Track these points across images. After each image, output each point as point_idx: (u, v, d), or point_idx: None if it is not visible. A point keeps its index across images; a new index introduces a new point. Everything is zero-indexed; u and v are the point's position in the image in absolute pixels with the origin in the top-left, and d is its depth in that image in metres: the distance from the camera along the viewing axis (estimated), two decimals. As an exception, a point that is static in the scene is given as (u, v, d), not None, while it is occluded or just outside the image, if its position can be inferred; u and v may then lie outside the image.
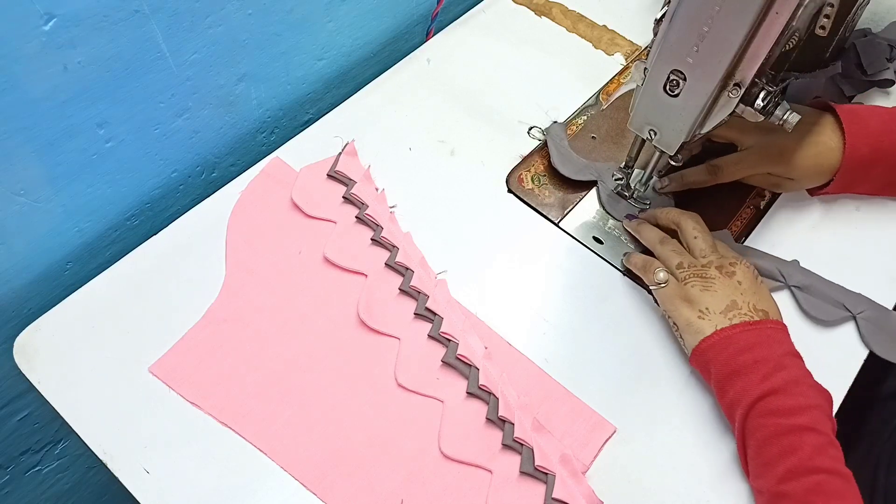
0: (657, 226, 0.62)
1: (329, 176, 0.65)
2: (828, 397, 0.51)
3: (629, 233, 0.63)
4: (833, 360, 0.57)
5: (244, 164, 0.69)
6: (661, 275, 0.57)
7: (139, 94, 0.56)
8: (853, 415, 0.54)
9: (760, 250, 0.63)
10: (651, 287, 0.58)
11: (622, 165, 0.65)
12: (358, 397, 0.54)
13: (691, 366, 0.56)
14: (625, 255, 0.62)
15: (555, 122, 0.71)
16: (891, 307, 0.60)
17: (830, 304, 0.59)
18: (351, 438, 0.53)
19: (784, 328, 0.53)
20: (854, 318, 0.59)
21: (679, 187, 0.64)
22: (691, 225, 0.59)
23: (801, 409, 0.48)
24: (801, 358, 0.52)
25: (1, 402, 0.64)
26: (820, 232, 0.65)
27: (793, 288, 0.61)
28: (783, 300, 0.60)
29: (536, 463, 0.51)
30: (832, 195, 0.65)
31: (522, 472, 0.51)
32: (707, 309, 0.53)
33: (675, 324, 0.56)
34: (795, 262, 0.62)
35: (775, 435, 0.48)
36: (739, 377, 0.50)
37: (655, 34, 0.52)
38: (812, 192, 0.66)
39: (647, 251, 0.61)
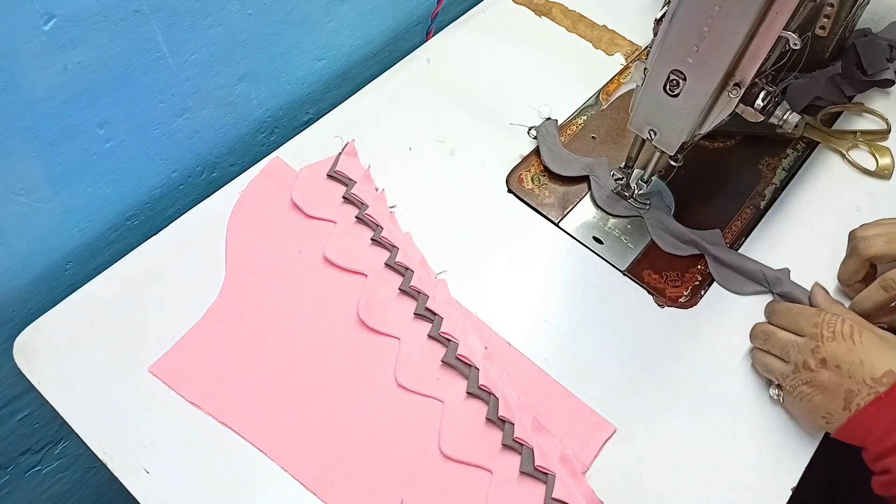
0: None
1: (329, 176, 0.65)
2: None
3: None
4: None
5: (244, 164, 0.69)
6: (772, 391, 0.54)
7: (139, 94, 0.56)
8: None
9: (748, 256, 0.62)
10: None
11: (622, 165, 0.65)
12: (358, 397, 0.54)
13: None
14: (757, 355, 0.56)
15: (547, 118, 0.71)
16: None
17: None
18: (351, 438, 0.53)
19: None
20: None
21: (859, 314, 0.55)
22: (764, 334, 0.55)
23: None
24: None
25: (1, 402, 0.64)
26: (820, 231, 0.65)
27: (776, 294, 0.60)
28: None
29: (536, 463, 0.51)
30: None
31: (522, 472, 0.51)
32: (829, 413, 0.49)
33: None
34: (786, 270, 0.61)
35: None
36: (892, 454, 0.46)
37: (655, 34, 0.52)
38: None
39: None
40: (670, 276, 0.62)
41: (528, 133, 0.70)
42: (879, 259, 0.56)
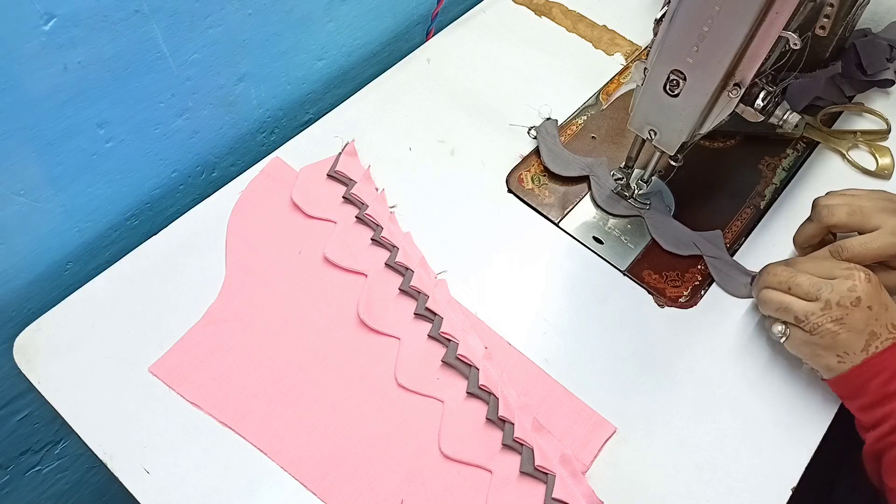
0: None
1: (329, 176, 0.65)
2: None
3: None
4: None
5: (244, 164, 0.69)
6: (776, 329, 0.54)
7: (139, 94, 0.56)
8: (852, 415, 0.54)
9: (684, 226, 0.64)
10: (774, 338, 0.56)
11: (622, 165, 0.65)
12: (358, 397, 0.54)
13: (828, 385, 0.54)
14: (760, 291, 0.57)
15: (548, 118, 0.71)
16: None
17: (739, 276, 0.61)
18: (351, 438, 0.53)
19: None
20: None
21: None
22: (787, 274, 0.54)
23: None
24: None
25: (1, 402, 0.64)
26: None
27: (707, 258, 0.62)
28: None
29: (536, 463, 0.51)
30: None
31: (522, 472, 0.51)
32: (846, 353, 0.51)
33: (808, 365, 0.55)
34: (717, 232, 0.63)
35: None
36: (891, 401, 0.49)
37: (655, 34, 0.52)
38: None
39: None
40: (670, 276, 0.62)
41: (528, 133, 0.70)
42: (838, 228, 0.57)
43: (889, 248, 0.54)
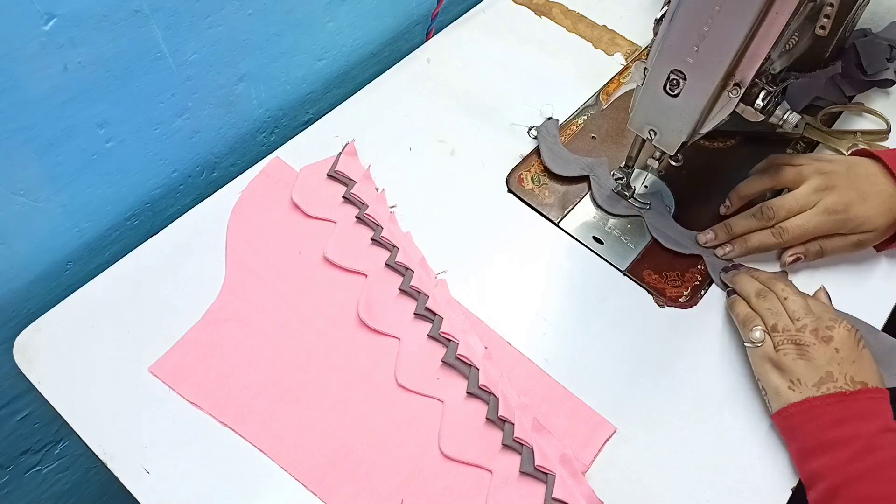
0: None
1: (329, 176, 0.65)
2: None
3: (722, 284, 0.62)
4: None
5: (244, 164, 0.69)
6: (758, 334, 0.54)
7: (139, 94, 0.56)
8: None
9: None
10: (745, 343, 0.56)
11: (622, 165, 0.65)
12: (358, 397, 0.54)
13: (773, 421, 0.54)
14: (729, 298, 0.59)
15: (549, 118, 0.71)
16: (889, 308, 0.60)
17: (677, 237, 0.63)
18: (351, 438, 0.53)
19: (884, 397, 0.50)
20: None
21: (744, 252, 0.61)
22: (780, 286, 0.56)
23: (890, 498, 0.46)
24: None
25: (1, 402, 0.64)
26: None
27: (648, 224, 0.64)
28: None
29: (536, 463, 0.51)
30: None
31: (522, 472, 0.51)
32: (798, 380, 0.51)
33: (763, 387, 0.54)
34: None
35: None
36: (826, 452, 0.48)
37: (655, 34, 0.52)
38: (879, 246, 0.62)
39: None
40: (670, 276, 0.62)
41: (529, 133, 0.70)
42: (786, 186, 0.62)
43: (823, 224, 0.59)
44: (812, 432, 0.49)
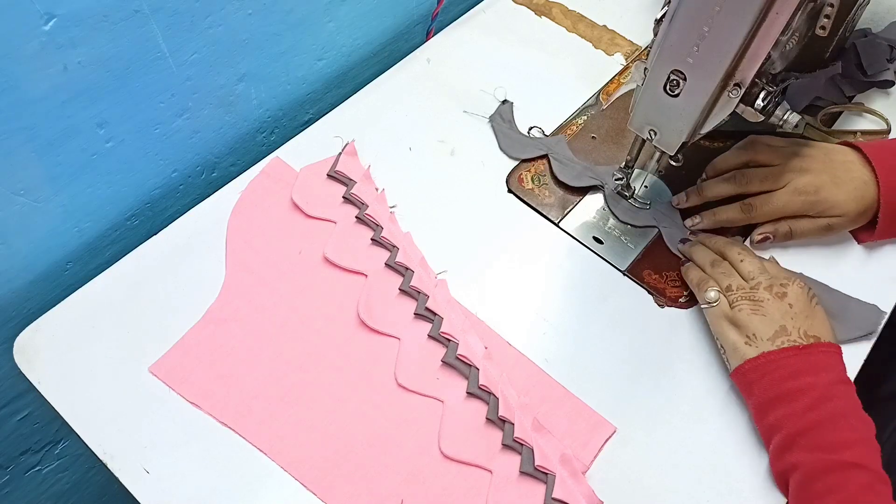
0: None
1: (329, 176, 0.65)
2: (872, 427, 0.49)
3: (678, 253, 0.62)
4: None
5: (244, 164, 0.69)
6: (713, 293, 0.56)
7: (139, 94, 0.56)
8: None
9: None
10: (701, 305, 0.57)
11: (622, 165, 0.65)
12: (358, 397, 0.54)
13: (732, 380, 0.55)
14: (683, 265, 0.61)
15: (503, 101, 0.71)
16: (890, 308, 0.60)
17: (579, 171, 0.66)
18: (351, 438, 0.53)
19: (837, 352, 0.52)
20: (602, 187, 0.66)
21: (712, 225, 0.63)
22: (736, 250, 0.58)
23: (847, 445, 0.47)
24: (850, 384, 0.51)
25: (1, 402, 0.64)
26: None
27: (551, 157, 0.67)
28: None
29: (536, 463, 0.51)
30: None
31: (522, 472, 0.51)
32: (754, 335, 0.52)
33: (721, 346, 0.55)
34: (561, 137, 0.68)
35: (820, 471, 0.47)
36: (783, 404, 0.49)
37: (655, 34, 0.52)
38: (860, 237, 0.63)
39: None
40: (670, 276, 0.62)
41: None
42: (762, 163, 0.63)
43: (792, 203, 0.60)
44: (768, 385, 0.51)
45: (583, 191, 0.66)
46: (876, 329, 0.58)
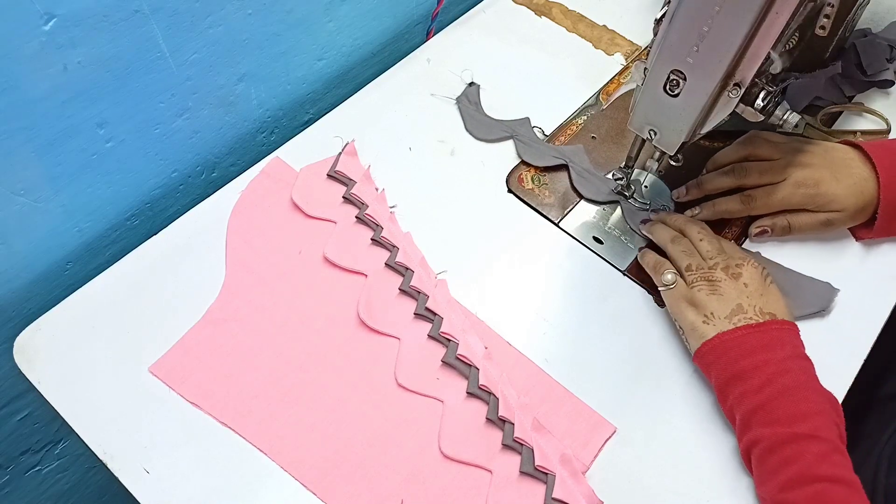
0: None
1: (329, 176, 0.65)
2: (832, 400, 0.50)
3: (641, 234, 0.63)
4: (832, 361, 0.56)
5: (244, 164, 0.69)
6: (669, 276, 0.57)
7: (139, 94, 0.56)
8: (852, 416, 0.54)
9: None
10: (659, 288, 0.58)
11: (622, 165, 0.65)
12: (358, 397, 0.54)
13: (695, 364, 0.55)
14: (640, 251, 0.62)
15: (470, 83, 0.72)
16: (889, 308, 0.60)
17: (546, 152, 0.67)
18: (351, 438, 0.53)
19: (792, 328, 0.53)
20: (567, 165, 0.66)
21: (711, 216, 0.63)
22: (696, 229, 0.59)
23: (802, 417, 0.47)
24: (807, 360, 0.51)
25: (1, 402, 0.64)
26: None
27: (516, 139, 0.68)
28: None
29: (536, 463, 0.51)
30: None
31: (522, 472, 0.51)
32: (712, 314, 0.53)
33: (680, 327, 0.56)
34: (526, 119, 0.69)
35: (777, 444, 0.47)
36: (740, 382, 0.50)
37: (655, 34, 0.52)
38: (859, 234, 0.63)
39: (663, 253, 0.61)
40: (670, 276, 0.62)
41: (455, 102, 0.71)
42: (762, 158, 0.63)
43: (791, 196, 0.60)
44: (726, 365, 0.51)
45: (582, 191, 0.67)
46: (828, 306, 0.59)
